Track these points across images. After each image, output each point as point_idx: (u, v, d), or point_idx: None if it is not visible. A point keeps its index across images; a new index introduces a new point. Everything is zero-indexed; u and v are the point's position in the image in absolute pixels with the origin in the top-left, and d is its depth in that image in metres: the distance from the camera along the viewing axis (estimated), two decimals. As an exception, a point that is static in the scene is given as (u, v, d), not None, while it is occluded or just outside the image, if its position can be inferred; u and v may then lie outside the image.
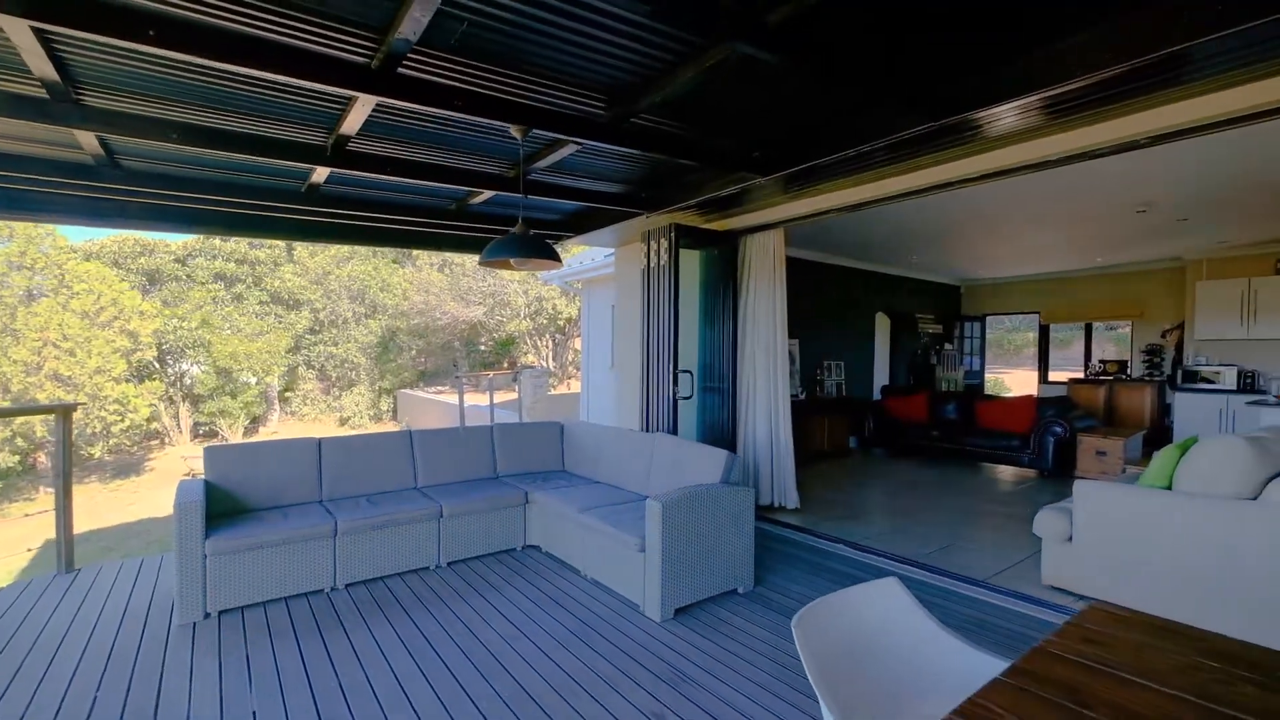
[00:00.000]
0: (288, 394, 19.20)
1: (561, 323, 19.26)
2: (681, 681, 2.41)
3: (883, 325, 8.88)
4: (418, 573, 3.59)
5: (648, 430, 4.68)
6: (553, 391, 17.35)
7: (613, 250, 6.27)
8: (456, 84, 2.44)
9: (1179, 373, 7.09)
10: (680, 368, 4.57)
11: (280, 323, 18.53)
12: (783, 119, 3.05)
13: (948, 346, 9.36)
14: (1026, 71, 2.31)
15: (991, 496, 5.50)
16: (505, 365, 19.83)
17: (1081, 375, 8.53)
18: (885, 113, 2.77)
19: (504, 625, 2.92)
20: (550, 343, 19.84)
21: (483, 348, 20.71)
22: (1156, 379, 7.54)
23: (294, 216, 4.40)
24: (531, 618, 3.00)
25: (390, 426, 18.40)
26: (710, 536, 3.14)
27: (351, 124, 2.76)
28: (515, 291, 18.62)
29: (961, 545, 4.02)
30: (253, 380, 17.90)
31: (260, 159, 3.11)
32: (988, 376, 11.14)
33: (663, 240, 4.55)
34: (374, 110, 2.67)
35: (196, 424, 17.30)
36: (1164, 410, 7.51)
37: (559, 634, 2.83)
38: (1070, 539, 3.18)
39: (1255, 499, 2.68)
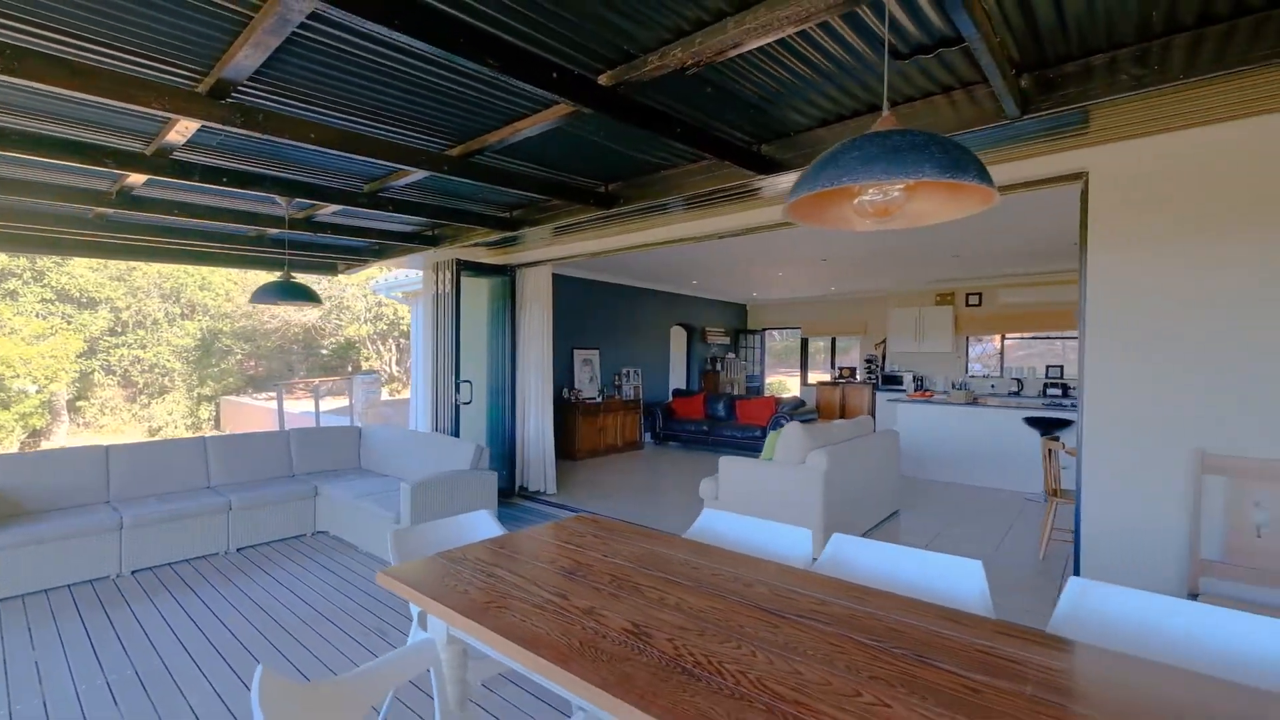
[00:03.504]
0: (80, 403, 17.10)
1: (405, 327, 19.20)
2: (402, 606, 3.37)
3: (678, 337, 10.49)
4: (206, 558, 4.17)
5: (437, 431, 5.56)
6: (396, 396, 17.33)
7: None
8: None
9: (881, 377, 9.39)
10: (462, 378, 5.51)
11: (70, 324, 16.50)
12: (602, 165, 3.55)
13: (731, 355, 11.23)
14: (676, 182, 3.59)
15: (727, 475, 7.10)
16: (350, 370, 19.32)
17: (828, 379, 10.76)
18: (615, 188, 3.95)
19: (278, 589, 3.67)
20: (394, 348, 19.65)
21: (324, 352, 19.94)
22: (871, 382, 9.85)
23: (85, 236, 4.69)
24: (303, 581, 3.78)
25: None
26: (459, 509, 4.12)
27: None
28: (354, 295, 18.26)
29: (662, 506, 5.39)
30: (31, 389, 15.77)
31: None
32: (774, 379, 13.35)
33: (447, 271, 5.47)
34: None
35: (-46, 439, 14.89)
36: (874, 406, 9.83)
37: (323, 590, 3.64)
38: (717, 497, 4.61)
39: (803, 463, 4.22)
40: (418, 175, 3.36)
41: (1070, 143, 2.69)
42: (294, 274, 6.17)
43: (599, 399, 8.41)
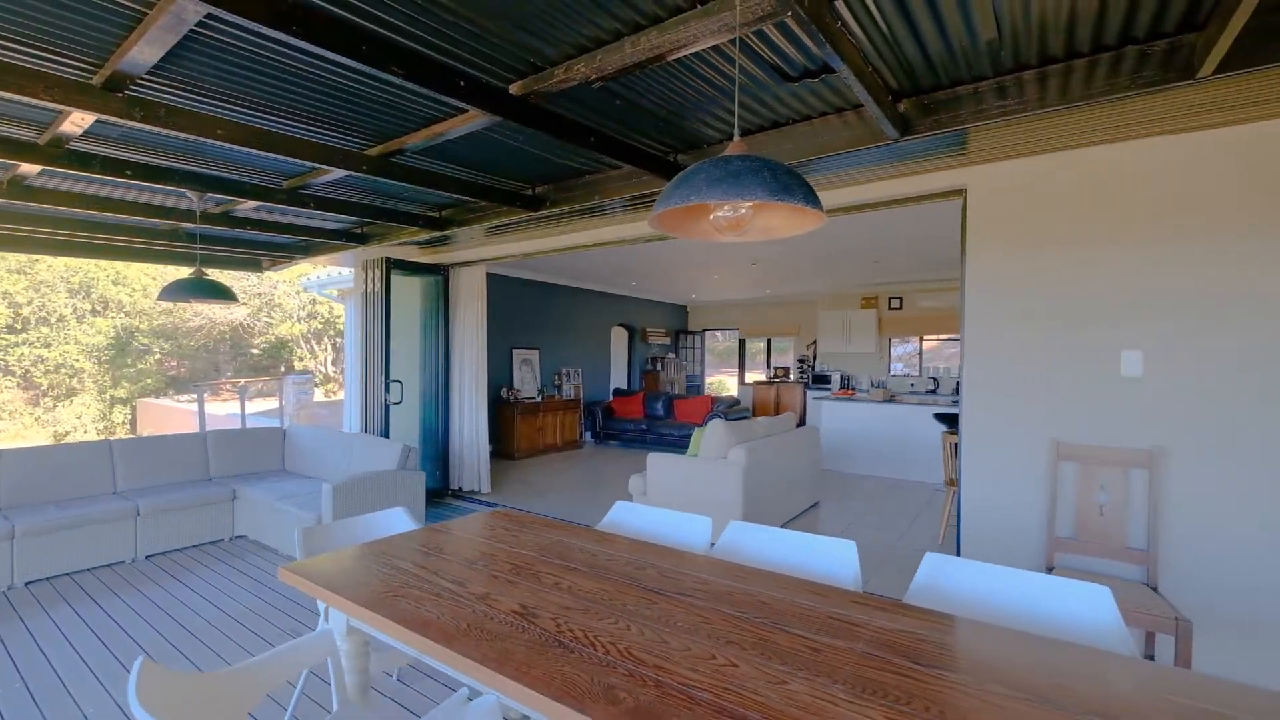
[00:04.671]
0: (-29, 406, 15.67)
1: (341, 326, 18.54)
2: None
3: (619, 337, 10.62)
4: (111, 567, 3.98)
5: (367, 432, 5.47)
6: (332, 397, 16.73)
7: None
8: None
9: (812, 376, 9.80)
10: (394, 378, 5.44)
11: (-41, 320, 15.11)
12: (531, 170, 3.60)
13: (672, 356, 11.45)
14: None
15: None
16: (282, 371, 18.49)
17: (764, 379, 11.12)
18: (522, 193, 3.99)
19: (190, 595, 3.55)
20: (330, 347, 18.96)
21: (255, 351, 19.01)
22: (803, 381, 10.26)
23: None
24: (217, 586, 3.67)
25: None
26: (384, 508, 4.08)
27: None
28: (285, 292, 17.52)
29: (595, 503, 5.49)
30: (-88, 391, 14.36)
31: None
32: (715, 379, 13.67)
33: (377, 270, 5.39)
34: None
35: None
36: (805, 404, 10.24)
37: (237, 594, 3.55)
38: (645, 492, 4.75)
39: (725, 459, 4.41)
40: (338, 174, 3.33)
41: (951, 162, 2.96)
42: (212, 270, 5.94)
43: (539, 398, 8.43)
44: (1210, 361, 2.51)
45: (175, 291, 3.51)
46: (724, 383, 13.50)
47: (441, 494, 5.84)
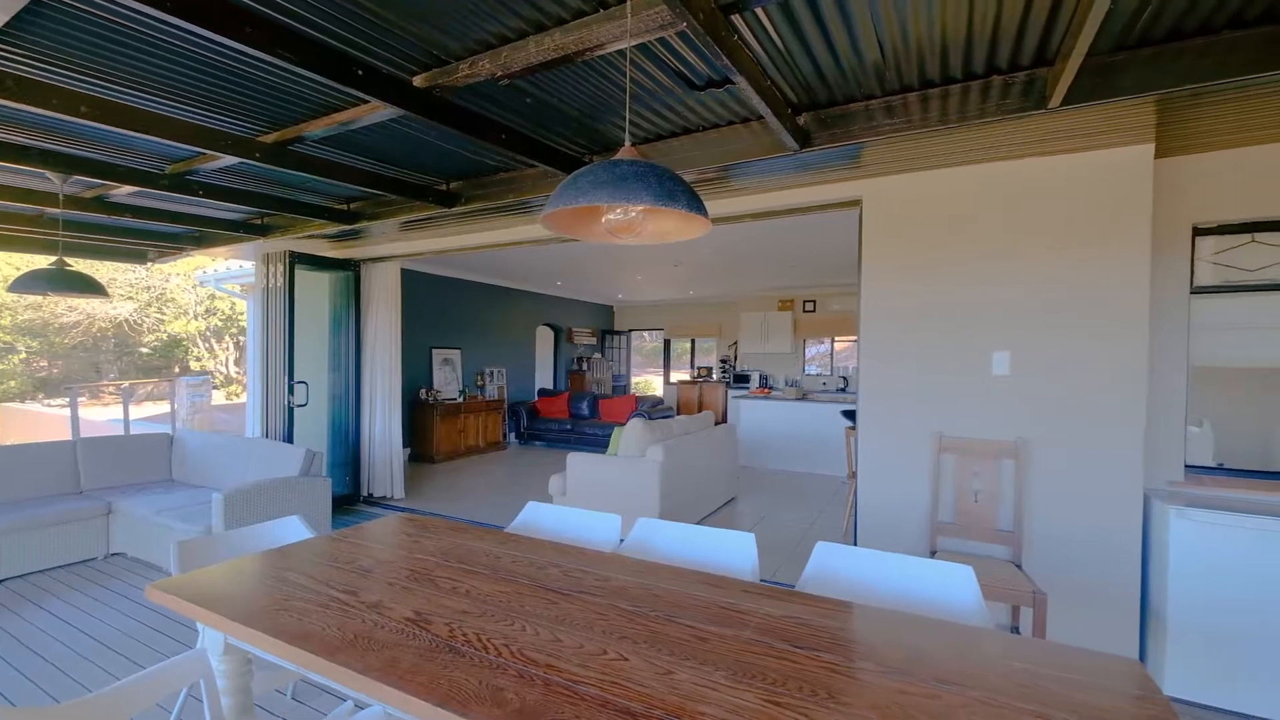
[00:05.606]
0: None
1: (244, 323, 17.26)
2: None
3: (544, 336, 10.51)
4: (-46, 595, 3.52)
5: (268, 436, 5.12)
6: (234, 400, 15.52)
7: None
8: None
9: (733, 376, 10.10)
10: (299, 378, 5.13)
11: None
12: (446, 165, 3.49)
13: (598, 356, 11.46)
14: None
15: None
16: (176, 372, 16.95)
17: (688, 378, 11.35)
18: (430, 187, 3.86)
19: (53, 623, 3.20)
20: (231, 346, 17.60)
21: (144, 351, 17.31)
22: (725, 381, 10.56)
23: None
24: (87, 611, 3.32)
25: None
26: (285, 512, 3.85)
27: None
28: (179, 286, 16.10)
29: (516, 505, 5.41)
30: None
31: None
32: (642, 379, 13.81)
33: (279, 264, 5.06)
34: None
35: None
36: (726, 403, 10.55)
37: (112, 618, 3.24)
38: (565, 493, 4.73)
39: (643, 456, 4.47)
40: (229, 160, 3.11)
41: (848, 174, 3.15)
42: (85, 261, 5.37)
43: (460, 399, 8.20)
44: (1058, 361, 2.82)
45: (30, 283, 3.14)
46: (650, 383, 13.66)
47: (352, 501, 5.56)
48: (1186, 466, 2.98)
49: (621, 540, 2.22)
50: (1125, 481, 2.72)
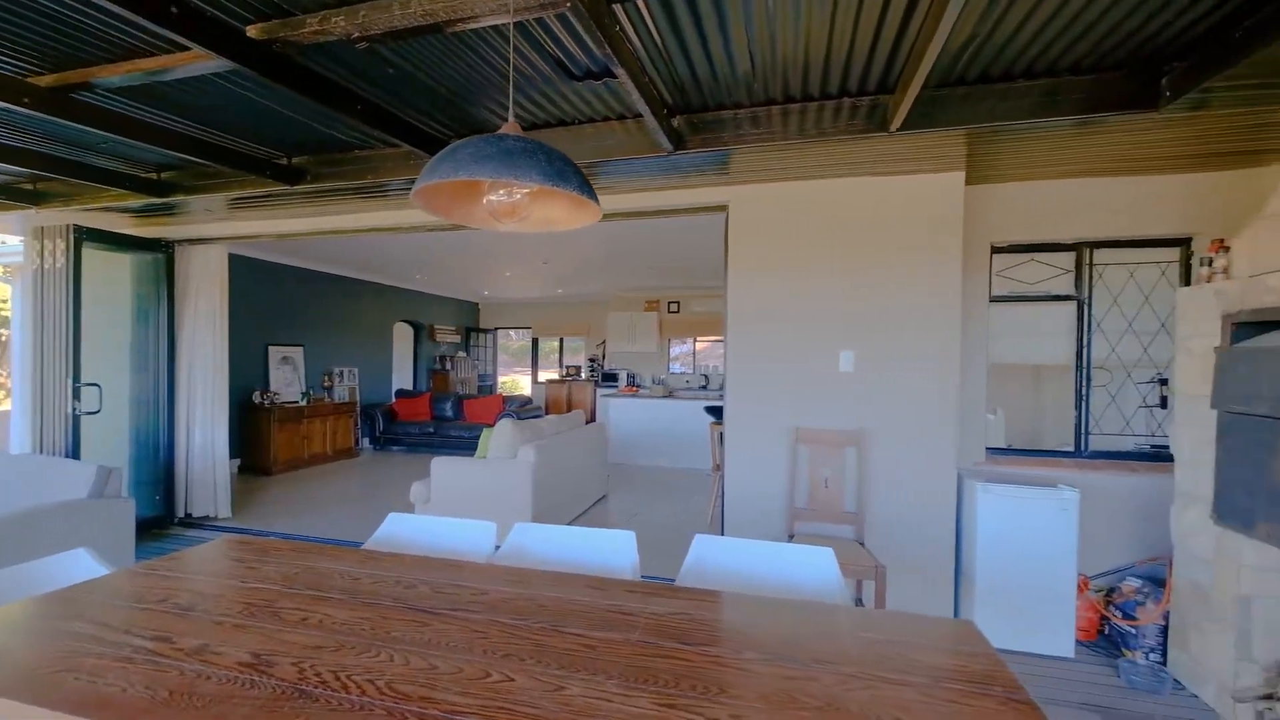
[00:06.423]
0: None
1: (9, 313, 13.99)
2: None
3: (403, 334, 9.78)
4: None
5: (43, 451, 4.17)
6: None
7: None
8: None
9: (602, 375, 10.17)
10: (87, 380, 4.23)
11: None
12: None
13: (462, 355, 10.93)
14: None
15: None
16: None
17: (557, 377, 11.23)
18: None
19: None
20: (-14, 341, 14.14)
21: None
22: (594, 379, 10.60)
23: None
24: None
25: None
26: (68, 546, 3.14)
27: None
28: (-95, 264, 12.60)
29: (372, 519, 4.97)
30: None
31: None
32: (510, 378, 13.41)
33: (59, 240, 4.14)
34: None
35: None
36: (595, 402, 10.61)
37: None
38: (429, 500, 4.42)
39: (514, 458, 4.32)
40: (-18, 105, 2.46)
41: (717, 179, 3.28)
42: None
43: (303, 402, 7.34)
44: (891, 359, 3.18)
45: None
46: (518, 382, 13.30)
47: (163, 524, 4.72)
48: (987, 449, 3.51)
49: (497, 548, 2.10)
50: (943, 463, 3.14)
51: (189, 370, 4.83)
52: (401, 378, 9.75)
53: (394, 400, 8.90)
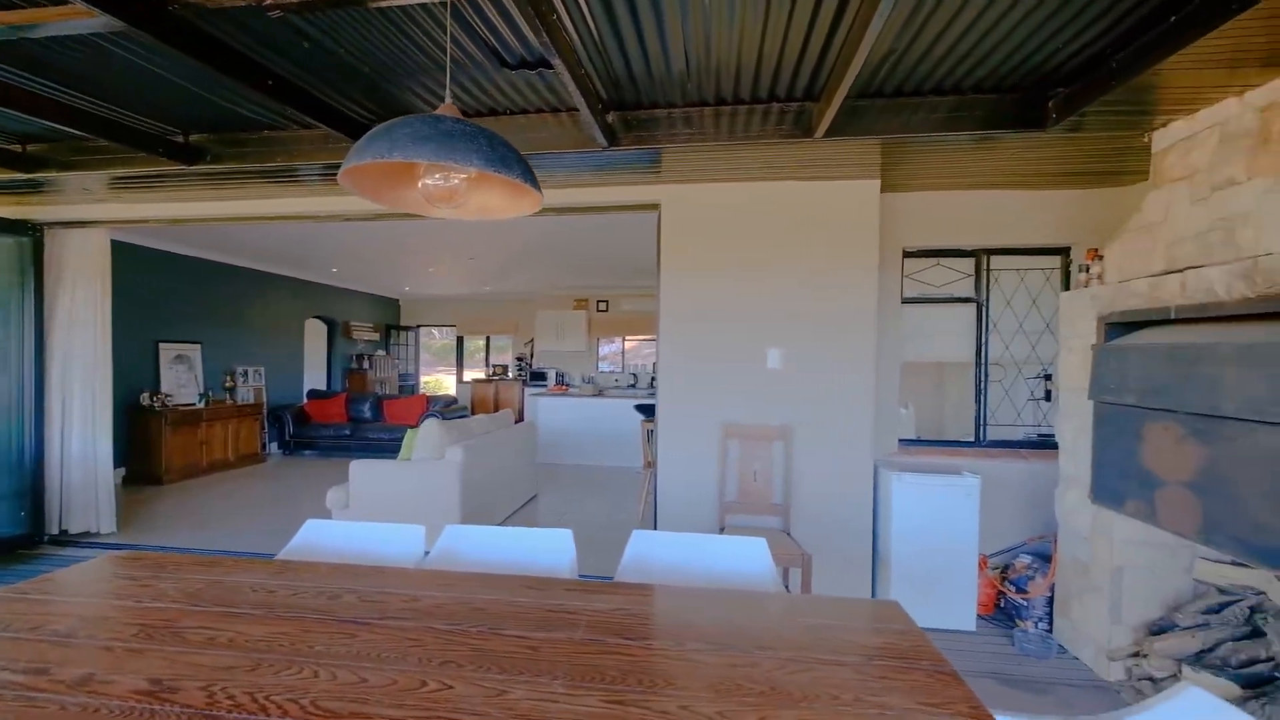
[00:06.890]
0: None
1: None
2: None
3: (316, 331, 9.18)
4: None
5: None
6: None
7: None
8: None
9: (530, 374, 10.00)
10: (-71, 382, 3.67)
11: None
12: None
13: (381, 353, 10.41)
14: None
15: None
16: None
17: (483, 376, 10.94)
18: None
19: None
20: None
21: None
22: (522, 378, 10.41)
23: None
24: None
25: None
26: (-101, 581, 2.71)
27: None
28: None
29: (281, 530, 4.64)
30: None
31: None
32: (433, 378, 12.90)
33: (-109, 220, 3.56)
34: None
35: None
36: (523, 401, 10.43)
37: None
38: (348, 505, 4.17)
39: (442, 459, 4.16)
40: None
41: (649, 178, 3.31)
42: None
43: (200, 404, 6.72)
44: (813, 356, 3.33)
45: None
46: (441, 381, 12.82)
47: (30, 544, 4.18)
48: (899, 440, 3.74)
49: (427, 553, 2.01)
50: (860, 454, 3.32)
51: (64, 370, 4.30)
52: (314, 378, 9.16)
53: (306, 401, 8.33)
